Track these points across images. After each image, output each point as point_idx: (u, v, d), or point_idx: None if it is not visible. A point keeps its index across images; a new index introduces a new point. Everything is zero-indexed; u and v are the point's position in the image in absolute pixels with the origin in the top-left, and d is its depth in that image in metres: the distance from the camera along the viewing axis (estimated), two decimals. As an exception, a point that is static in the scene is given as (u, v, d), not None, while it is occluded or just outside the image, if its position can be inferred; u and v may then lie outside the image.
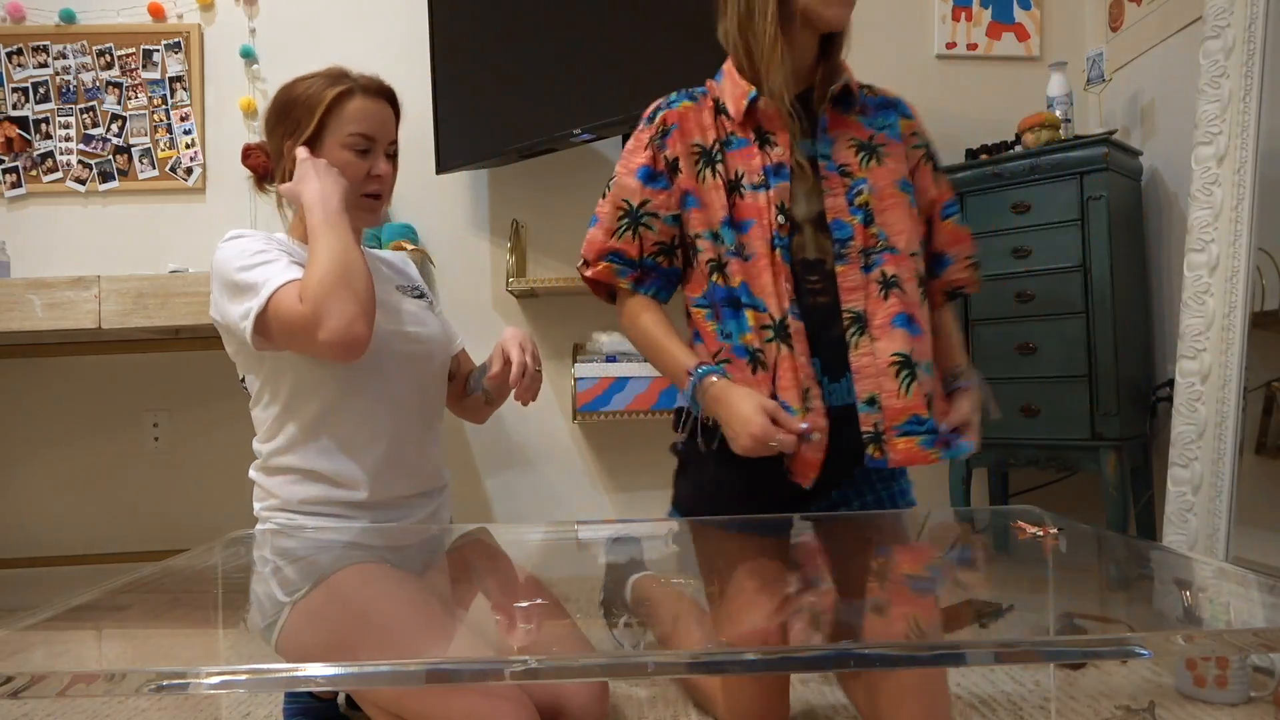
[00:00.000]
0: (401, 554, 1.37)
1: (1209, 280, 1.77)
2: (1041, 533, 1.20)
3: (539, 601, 1.17)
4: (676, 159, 1.37)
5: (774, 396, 1.30)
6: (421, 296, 1.60)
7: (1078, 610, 0.92)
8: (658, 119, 1.39)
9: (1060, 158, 2.13)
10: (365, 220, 1.49)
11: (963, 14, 2.60)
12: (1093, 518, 2.29)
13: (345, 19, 2.57)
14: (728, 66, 1.39)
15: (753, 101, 1.34)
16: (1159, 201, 2.30)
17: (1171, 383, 1.89)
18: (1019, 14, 2.60)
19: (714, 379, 1.30)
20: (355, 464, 1.39)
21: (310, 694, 1.49)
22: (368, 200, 1.46)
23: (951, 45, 2.60)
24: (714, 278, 1.34)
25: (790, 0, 1.29)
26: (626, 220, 1.38)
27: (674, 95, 1.42)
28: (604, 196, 1.42)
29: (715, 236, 1.34)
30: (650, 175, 1.38)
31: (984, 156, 2.30)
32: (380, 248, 2.40)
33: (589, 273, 1.42)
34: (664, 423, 2.53)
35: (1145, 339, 2.28)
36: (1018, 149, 2.25)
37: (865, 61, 2.61)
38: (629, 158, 1.41)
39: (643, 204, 1.38)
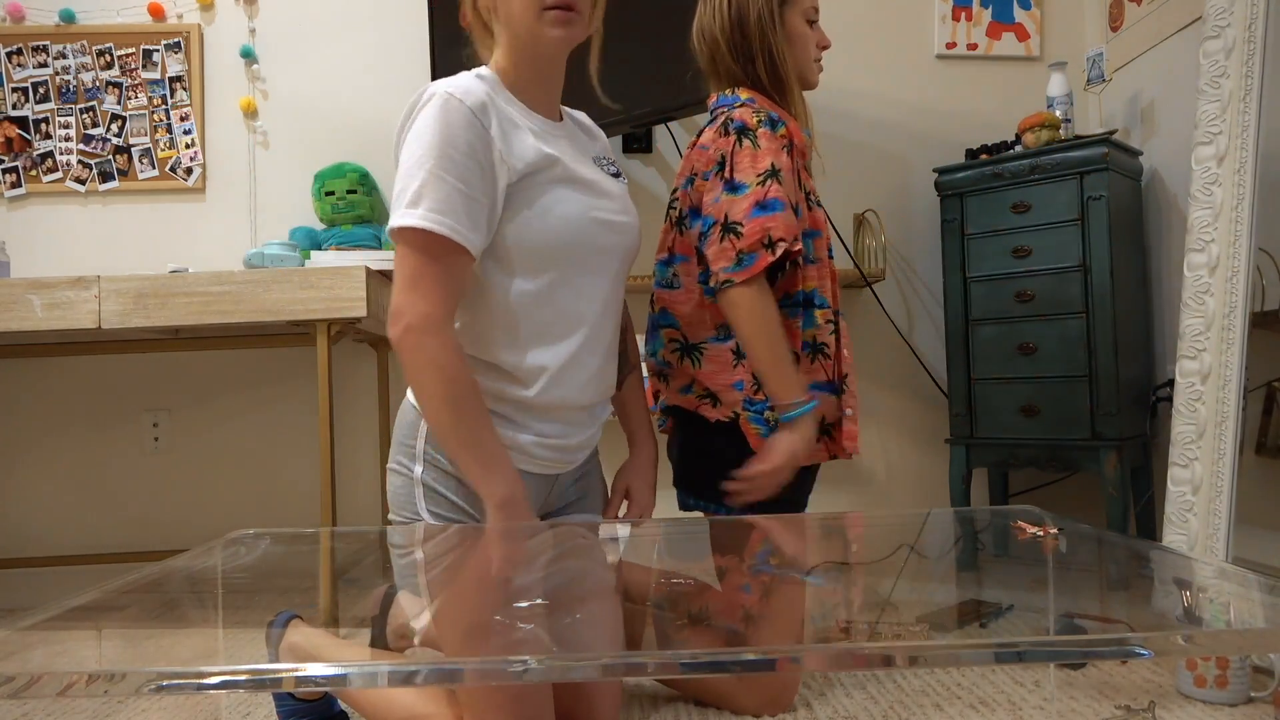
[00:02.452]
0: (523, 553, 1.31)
1: (1209, 280, 1.77)
2: (1041, 533, 1.20)
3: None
4: (796, 170, 1.54)
5: (842, 377, 1.58)
6: (618, 175, 1.46)
7: (1078, 610, 0.92)
8: (782, 132, 1.52)
9: (1060, 158, 2.13)
10: (551, 37, 1.29)
11: (963, 14, 2.60)
12: (1093, 518, 2.30)
13: (345, 19, 2.57)
14: (762, 99, 1.56)
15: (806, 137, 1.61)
16: (1159, 201, 2.30)
17: (1171, 383, 1.89)
18: (1019, 14, 2.60)
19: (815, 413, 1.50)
20: (539, 359, 1.29)
21: (290, 694, 1.45)
22: (551, 14, 1.27)
23: (951, 45, 2.60)
24: (802, 280, 1.55)
25: (793, 68, 1.59)
26: (795, 211, 1.49)
27: (768, 113, 1.53)
28: (774, 181, 1.46)
29: (806, 240, 1.56)
30: (793, 177, 1.53)
31: (984, 156, 2.30)
32: (380, 247, 2.40)
33: (797, 248, 1.47)
34: (664, 423, 2.53)
35: (1145, 339, 2.28)
36: (1018, 149, 2.25)
37: (865, 61, 2.63)
38: (781, 157, 1.49)
39: (797, 203, 1.52)
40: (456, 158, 1.20)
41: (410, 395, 1.35)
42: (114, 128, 2.54)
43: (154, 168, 2.55)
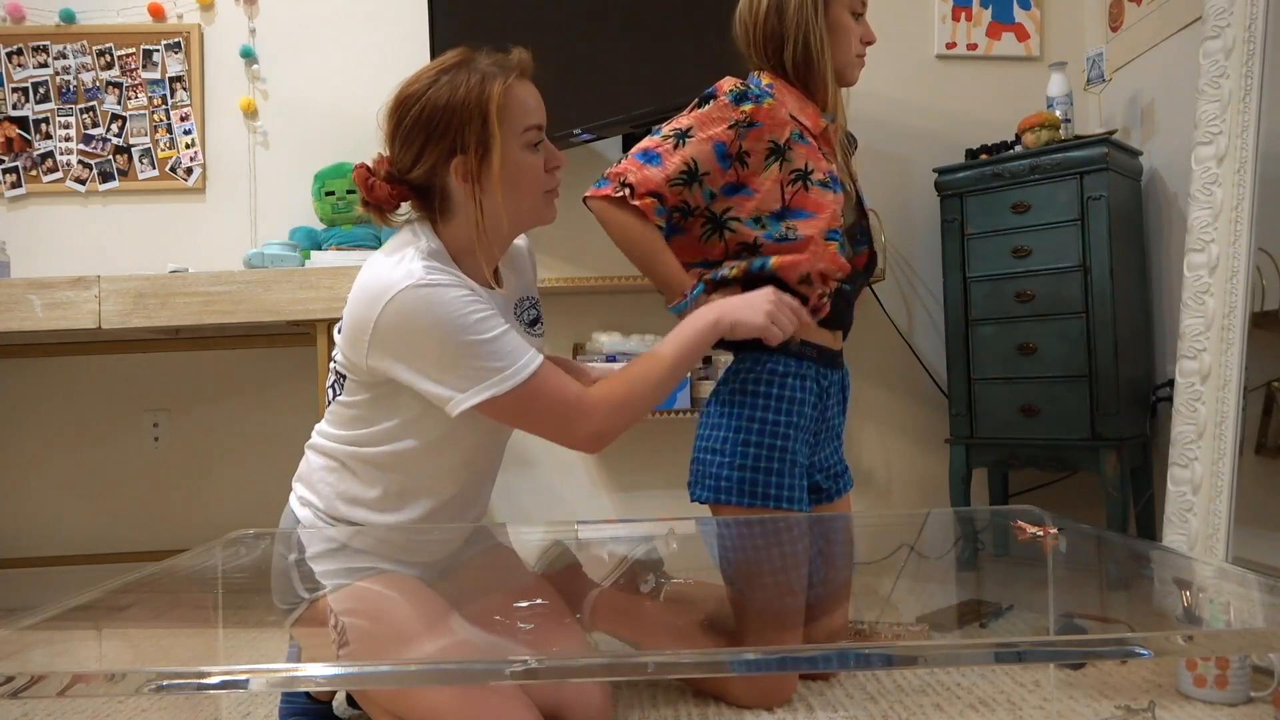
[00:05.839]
0: (422, 564, 1.36)
1: (1209, 280, 1.77)
2: (1041, 533, 1.20)
3: (541, 602, 1.17)
4: (748, 153, 1.52)
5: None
6: (536, 321, 1.45)
7: (1078, 610, 0.92)
8: (746, 108, 1.51)
9: (1060, 158, 2.13)
10: (547, 217, 1.34)
11: (963, 14, 2.60)
12: (1093, 518, 2.30)
13: (345, 19, 2.57)
14: (782, 84, 1.58)
15: (828, 122, 1.59)
16: (1159, 201, 2.30)
17: (1171, 383, 1.89)
18: (1019, 14, 2.60)
19: (706, 297, 1.52)
20: (415, 502, 1.32)
21: (306, 694, 1.48)
22: (550, 196, 1.30)
23: (951, 45, 2.60)
24: (744, 256, 1.55)
25: (830, 60, 1.58)
26: (685, 177, 1.50)
27: (756, 89, 1.53)
28: (672, 142, 1.50)
29: (758, 221, 1.53)
30: (723, 155, 1.51)
31: (984, 156, 2.30)
32: (380, 247, 2.40)
33: (634, 201, 1.48)
34: (664, 422, 2.53)
35: (1145, 339, 2.28)
36: (1018, 149, 2.25)
37: (866, 61, 2.62)
38: (710, 126, 1.51)
39: (704, 174, 1.51)
40: (475, 316, 1.17)
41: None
42: (114, 128, 2.54)
43: (154, 168, 2.55)
